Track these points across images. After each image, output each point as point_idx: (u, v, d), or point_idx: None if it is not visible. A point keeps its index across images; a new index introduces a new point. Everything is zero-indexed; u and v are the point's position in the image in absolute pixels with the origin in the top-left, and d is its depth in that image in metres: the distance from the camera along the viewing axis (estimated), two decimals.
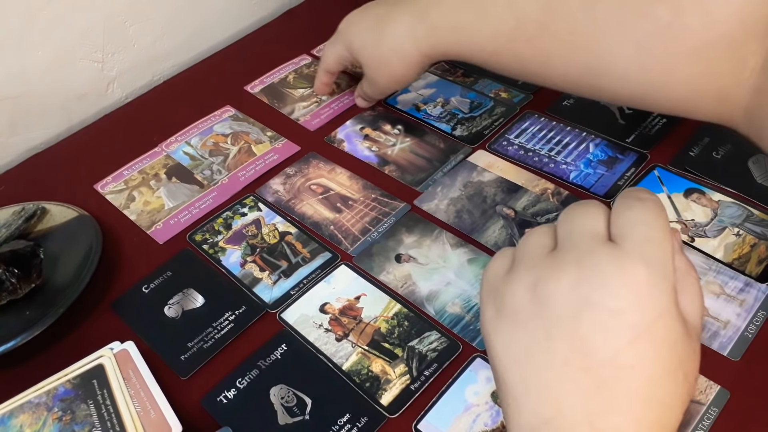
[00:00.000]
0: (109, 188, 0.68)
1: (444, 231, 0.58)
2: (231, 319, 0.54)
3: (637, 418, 0.30)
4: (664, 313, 0.31)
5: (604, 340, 0.31)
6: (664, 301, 0.31)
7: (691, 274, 0.34)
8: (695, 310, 0.33)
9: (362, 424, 0.46)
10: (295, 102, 0.75)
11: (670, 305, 0.31)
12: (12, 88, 0.71)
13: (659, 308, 0.31)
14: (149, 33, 0.80)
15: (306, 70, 0.80)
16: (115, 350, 0.50)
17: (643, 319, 0.31)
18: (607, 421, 0.30)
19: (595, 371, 0.31)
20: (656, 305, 0.31)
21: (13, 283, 0.54)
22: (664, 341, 0.31)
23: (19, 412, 0.47)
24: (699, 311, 0.33)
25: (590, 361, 0.31)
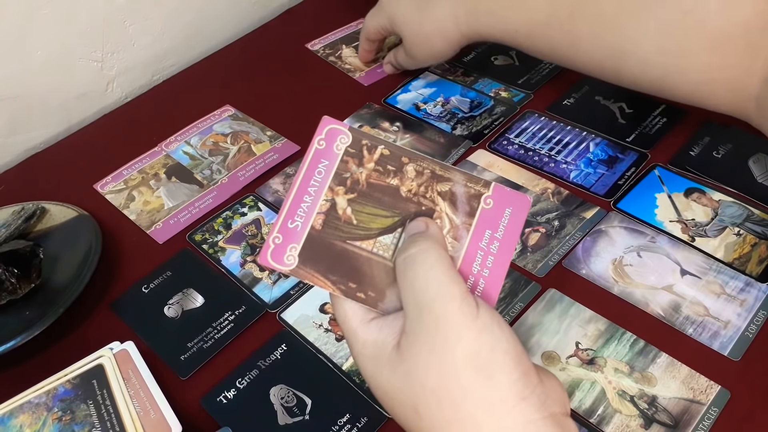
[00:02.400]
0: (108, 188, 0.68)
1: None
2: (231, 319, 0.54)
3: None
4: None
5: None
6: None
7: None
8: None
9: (362, 424, 0.46)
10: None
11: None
12: (11, 87, 0.71)
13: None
14: (149, 32, 0.80)
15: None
16: (114, 350, 0.50)
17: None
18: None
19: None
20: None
21: (12, 282, 0.54)
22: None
23: (18, 412, 0.47)
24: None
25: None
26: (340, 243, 0.34)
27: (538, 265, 0.54)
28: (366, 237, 0.34)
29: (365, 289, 0.33)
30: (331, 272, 0.33)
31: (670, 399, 0.45)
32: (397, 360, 0.31)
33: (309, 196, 0.33)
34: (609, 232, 0.56)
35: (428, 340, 0.30)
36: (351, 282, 0.33)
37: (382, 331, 0.32)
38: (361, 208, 0.34)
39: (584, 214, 0.58)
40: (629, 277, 0.53)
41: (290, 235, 0.33)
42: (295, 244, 0.33)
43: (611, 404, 0.46)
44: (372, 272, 0.33)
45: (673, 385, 0.46)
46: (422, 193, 0.34)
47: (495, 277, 0.34)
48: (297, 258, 0.33)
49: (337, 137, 0.34)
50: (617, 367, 0.48)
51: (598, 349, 0.49)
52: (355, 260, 0.33)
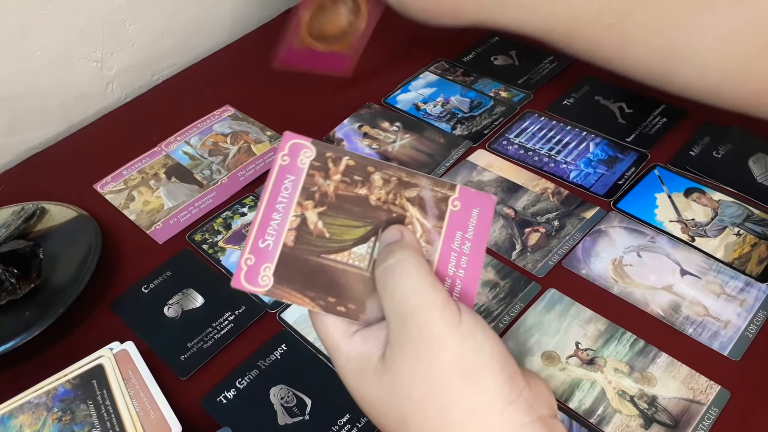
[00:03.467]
0: (108, 188, 0.68)
1: None
2: (231, 319, 0.54)
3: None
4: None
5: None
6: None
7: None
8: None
9: (362, 424, 0.46)
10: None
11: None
12: (11, 87, 0.71)
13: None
14: (148, 32, 0.80)
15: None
16: (114, 350, 0.50)
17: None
18: None
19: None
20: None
21: (12, 283, 0.54)
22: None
23: (18, 412, 0.47)
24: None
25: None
26: (315, 258, 0.33)
27: (538, 265, 0.54)
28: (340, 249, 0.33)
29: (345, 302, 0.33)
30: (308, 288, 0.33)
31: (670, 399, 0.45)
32: (382, 371, 0.31)
33: (277, 213, 0.33)
34: (609, 232, 0.56)
35: (412, 349, 0.30)
36: (330, 296, 0.33)
37: (366, 343, 0.32)
38: (332, 220, 0.34)
39: (584, 214, 0.58)
40: (629, 277, 0.53)
41: (262, 254, 0.33)
42: (269, 264, 0.32)
43: (611, 404, 0.46)
44: (350, 284, 0.33)
45: (673, 385, 0.46)
46: (391, 201, 0.34)
47: (470, 277, 0.34)
48: (272, 278, 0.32)
49: (300, 151, 0.34)
50: (617, 367, 0.48)
51: (598, 349, 0.49)
52: (331, 274, 0.33)
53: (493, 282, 0.54)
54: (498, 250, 0.56)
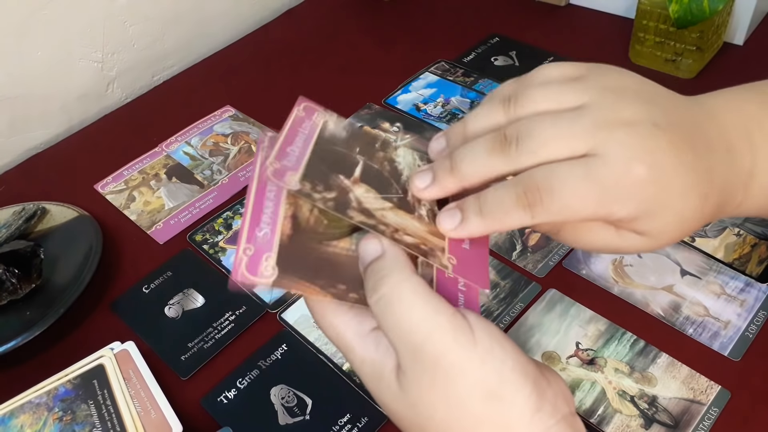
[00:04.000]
0: (109, 188, 0.68)
1: None
2: (231, 320, 0.54)
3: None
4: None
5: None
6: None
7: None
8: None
9: (362, 424, 0.46)
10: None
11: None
12: (12, 88, 0.71)
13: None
14: (149, 33, 0.80)
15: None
16: (115, 350, 0.50)
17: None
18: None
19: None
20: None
21: (13, 283, 0.54)
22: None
23: (19, 412, 0.47)
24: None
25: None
26: (317, 245, 0.31)
27: (539, 265, 0.55)
28: (341, 236, 0.32)
29: (356, 288, 0.31)
30: (316, 277, 0.30)
31: (670, 399, 0.45)
32: (398, 390, 0.29)
33: (269, 200, 0.31)
34: None
35: (429, 378, 0.28)
36: (340, 284, 0.31)
37: (378, 349, 0.30)
38: (326, 209, 0.31)
39: None
40: (629, 278, 0.53)
41: (261, 243, 0.30)
42: (269, 253, 0.30)
43: (611, 404, 0.46)
44: (357, 271, 0.31)
45: (674, 385, 0.46)
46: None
47: (476, 277, 0.32)
48: (275, 268, 0.29)
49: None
50: (617, 367, 0.48)
51: (599, 349, 0.49)
52: (337, 260, 0.31)
53: (493, 282, 0.54)
54: (498, 251, 0.56)
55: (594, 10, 0.82)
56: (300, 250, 0.31)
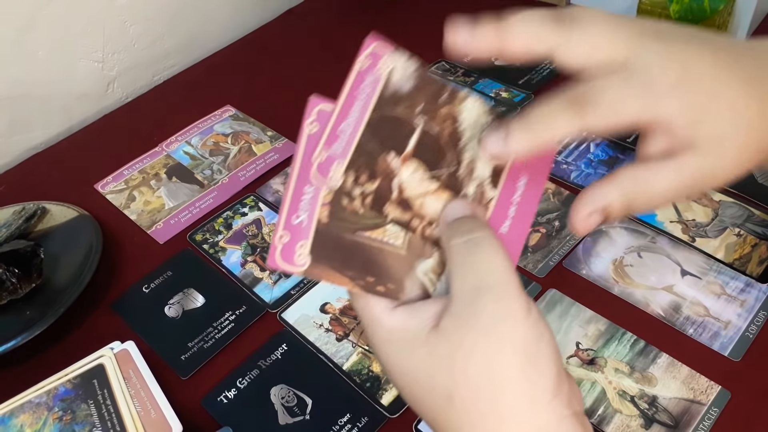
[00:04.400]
0: (109, 188, 0.68)
1: None
2: (231, 319, 0.54)
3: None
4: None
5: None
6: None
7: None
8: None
9: (362, 424, 0.46)
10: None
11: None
12: (12, 88, 0.71)
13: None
14: (149, 33, 0.80)
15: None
16: (115, 350, 0.50)
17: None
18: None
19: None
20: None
21: (13, 282, 0.54)
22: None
23: (19, 411, 0.47)
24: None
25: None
26: (350, 235, 0.31)
27: (539, 265, 0.55)
28: (375, 226, 0.31)
29: (384, 281, 0.31)
30: (346, 268, 0.31)
31: (670, 399, 0.45)
32: (435, 342, 0.29)
33: (309, 186, 0.31)
34: (609, 232, 0.56)
35: (481, 323, 0.29)
36: (368, 276, 0.31)
37: (413, 317, 0.31)
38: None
39: None
40: (629, 278, 0.53)
41: (297, 231, 0.30)
42: (304, 241, 0.30)
43: (612, 404, 0.46)
44: (387, 263, 0.31)
45: (674, 385, 0.46)
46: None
47: (516, 243, 0.33)
48: (309, 256, 0.30)
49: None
50: (617, 367, 0.48)
51: (599, 349, 0.49)
52: (368, 252, 0.31)
53: None
54: None
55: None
56: (334, 239, 0.31)
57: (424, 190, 0.32)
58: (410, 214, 0.31)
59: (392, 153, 0.31)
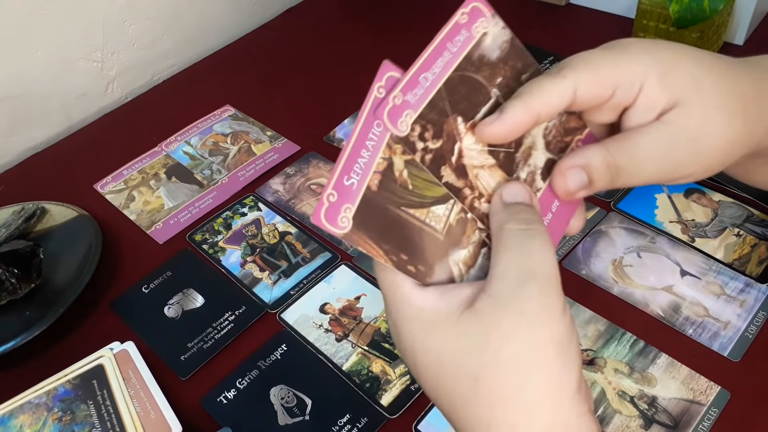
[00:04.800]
0: (108, 188, 0.68)
1: None
2: (231, 320, 0.54)
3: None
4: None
5: None
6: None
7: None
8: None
9: (362, 424, 0.46)
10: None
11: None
12: (12, 88, 0.71)
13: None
14: (149, 32, 0.80)
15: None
16: (115, 350, 0.50)
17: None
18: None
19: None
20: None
21: (12, 283, 0.54)
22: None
23: (19, 412, 0.47)
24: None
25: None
26: (395, 209, 0.31)
27: None
28: (420, 205, 0.31)
29: (416, 262, 0.31)
30: (384, 240, 0.30)
31: (670, 399, 0.45)
32: (468, 322, 0.29)
33: (366, 151, 0.30)
34: (609, 232, 0.56)
35: (522, 309, 0.29)
36: (403, 253, 0.31)
37: (445, 297, 0.30)
38: (417, 172, 0.31)
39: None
40: (629, 278, 0.53)
41: (346, 193, 0.30)
42: (350, 205, 0.30)
43: (611, 405, 0.46)
44: (424, 244, 0.31)
45: (673, 385, 0.46)
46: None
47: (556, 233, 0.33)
48: (351, 221, 0.30)
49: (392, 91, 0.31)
50: (617, 367, 0.48)
51: (598, 349, 0.49)
52: (408, 229, 0.31)
53: None
54: None
55: (594, 10, 0.82)
56: (378, 210, 0.30)
57: (482, 163, 0.32)
58: (464, 182, 0.31)
59: (461, 117, 0.31)
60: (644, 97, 0.32)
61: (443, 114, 0.31)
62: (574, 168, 0.33)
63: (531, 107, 0.31)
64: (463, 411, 0.30)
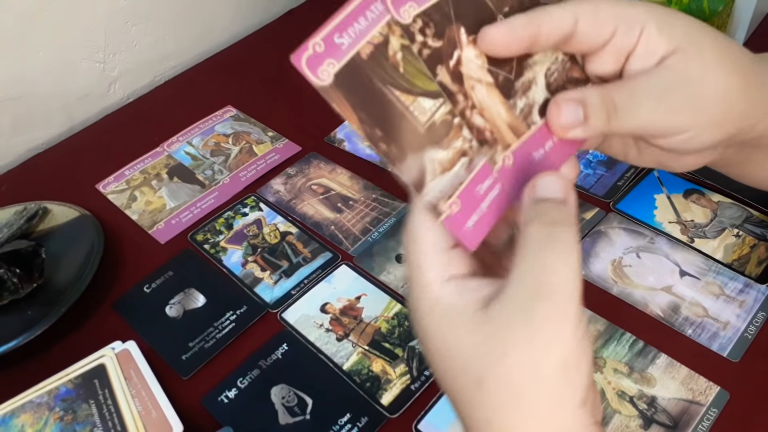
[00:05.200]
0: (110, 188, 0.68)
1: None
2: (232, 319, 0.54)
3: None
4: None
5: None
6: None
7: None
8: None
9: (363, 423, 0.47)
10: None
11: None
12: (14, 88, 0.72)
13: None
14: (151, 33, 0.80)
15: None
16: (116, 350, 0.50)
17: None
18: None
19: None
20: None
21: (15, 282, 0.54)
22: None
23: (20, 411, 0.47)
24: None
25: None
26: (380, 84, 0.30)
27: None
28: (407, 91, 0.30)
29: (390, 141, 0.30)
30: (362, 109, 0.29)
31: (669, 400, 0.46)
32: (479, 323, 0.29)
33: (365, 19, 0.29)
34: (608, 233, 0.56)
35: (533, 320, 0.28)
36: (378, 128, 0.30)
37: (463, 295, 0.30)
38: (413, 59, 0.30)
39: (583, 215, 0.58)
40: (628, 278, 0.53)
41: (333, 49, 0.29)
42: (335, 61, 0.29)
43: (610, 405, 0.46)
44: (402, 129, 0.30)
45: (673, 385, 0.46)
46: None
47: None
48: (333, 76, 0.29)
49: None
50: (616, 367, 0.48)
51: (598, 349, 0.49)
52: (389, 109, 0.30)
53: None
54: None
55: None
56: (363, 78, 0.29)
57: (480, 77, 0.31)
58: (458, 88, 0.31)
59: (463, 29, 0.31)
60: (644, 43, 0.32)
61: (447, 19, 0.30)
62: (570, 101, 0.32)
63: (533, 21, 0.31)
64: (468, 408, 0.30)
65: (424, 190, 0.30)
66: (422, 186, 0.30)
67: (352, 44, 0.29)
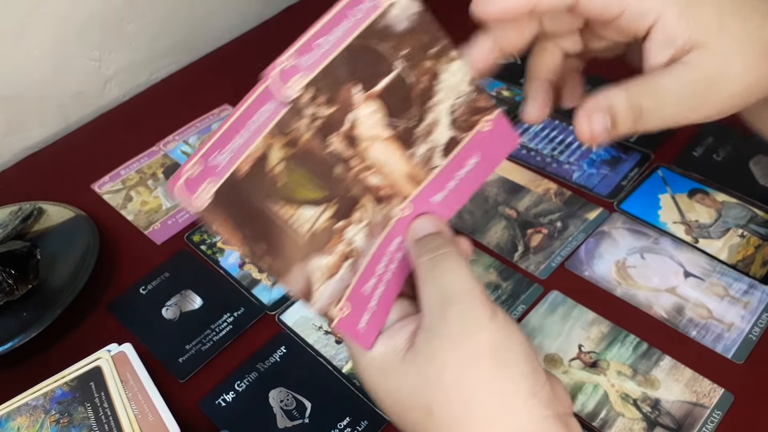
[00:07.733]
0: (106, 188, 0.67)
1: None
2: (229, 321, 0.53)
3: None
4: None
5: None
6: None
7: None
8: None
9: (362, 427, 0.46)
10: None
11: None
12: (8, 87, 0.71)
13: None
14: (146, 31, 0.80)
15: None
16: (112, 352, 0.50)
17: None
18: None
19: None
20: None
21: (9, 284, 0.54)
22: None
23: (16, 414, 0.47)
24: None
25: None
26: (261, 199, 0.29)
27: (541, 266, 0.54)
28: (289, 201, 0.30)
29: (273, 256, 0.30)
30: (244, 226, 0.29)
31: (673, 402, 0.45)
32: (411, 360, 0.31)
33: (247, 130, 0.29)
34: (612, 233, 0.56)
35: (450, 332, 0.30)
36: (261, 243, 0.29)
37: (392, 338, 0.32)
38: (295, 166, 0.30)
39: (587, 215, 0.57)
40: (632, 279, 0.52)
41: (211, 169, 0.28)
42: (214, 180, 0.28)
43: (614, 407, 0.45)
44: (283, 244, 0.30)
45: (677, 388, 0.46)
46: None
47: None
48: (211, 198, 0.28)
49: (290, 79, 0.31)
50: (620, 369, 0.47)
51: (601, 351, 0.48)
52: (269, 225, 0.30)
53: (494, 284, 0.53)
54: (500, 252, 0.56)
55: None
56: (243, 195, 0.29)
57: (376, 134, 0.31)
58: (352, 152, 0.31)
59: (360, 86, 0.31)
60: (661, 31, 0.32)
61: (338, 82, 0.30)
62: (599, 112, 0.33)
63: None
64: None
65: (312, 299, 0.31)
66: (310, 294, 0.31)
67: (231, 161, 0.29)
